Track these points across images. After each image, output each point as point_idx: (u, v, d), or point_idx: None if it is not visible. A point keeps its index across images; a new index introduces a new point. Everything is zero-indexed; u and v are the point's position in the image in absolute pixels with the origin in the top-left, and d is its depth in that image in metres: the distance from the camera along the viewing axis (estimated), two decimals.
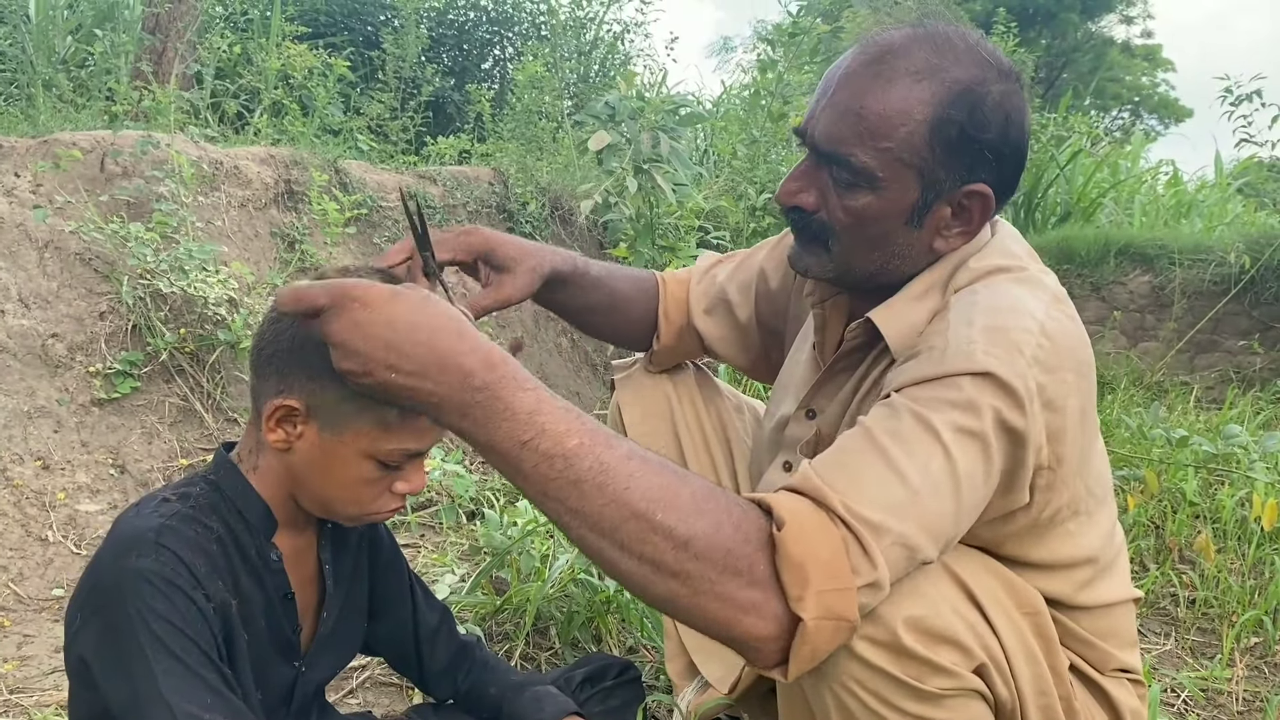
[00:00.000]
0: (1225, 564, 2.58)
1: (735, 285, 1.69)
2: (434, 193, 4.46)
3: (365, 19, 8.10)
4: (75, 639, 1.14)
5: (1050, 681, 1.20)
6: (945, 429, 1.05)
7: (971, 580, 1.14)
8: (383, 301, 0.94)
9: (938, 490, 1.04)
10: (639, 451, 0.97)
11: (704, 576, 0.94)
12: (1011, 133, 1.23)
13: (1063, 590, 1.25)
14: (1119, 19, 25.35)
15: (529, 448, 0.92)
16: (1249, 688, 2.14)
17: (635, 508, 0.93)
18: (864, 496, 1.01)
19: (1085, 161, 7.42)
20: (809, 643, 0.96)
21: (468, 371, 0.93)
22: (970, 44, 1.23)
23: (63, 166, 3.16)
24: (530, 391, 0.94)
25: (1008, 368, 1.07)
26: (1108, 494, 1.33)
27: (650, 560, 0.94)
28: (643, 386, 1.76)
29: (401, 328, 0.93)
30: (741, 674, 1.56)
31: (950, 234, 1.27)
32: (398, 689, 1.95)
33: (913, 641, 1.07)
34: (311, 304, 0.95)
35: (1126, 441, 3.39)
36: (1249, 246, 5.28)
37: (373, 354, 0.93)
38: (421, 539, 2.76)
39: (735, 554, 0.95)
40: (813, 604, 0.95)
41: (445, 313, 0.96)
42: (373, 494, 1.21)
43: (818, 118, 1.25)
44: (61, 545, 2.50)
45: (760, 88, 5.85)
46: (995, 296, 1.18)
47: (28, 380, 2.75)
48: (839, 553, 0.98)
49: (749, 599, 0.95)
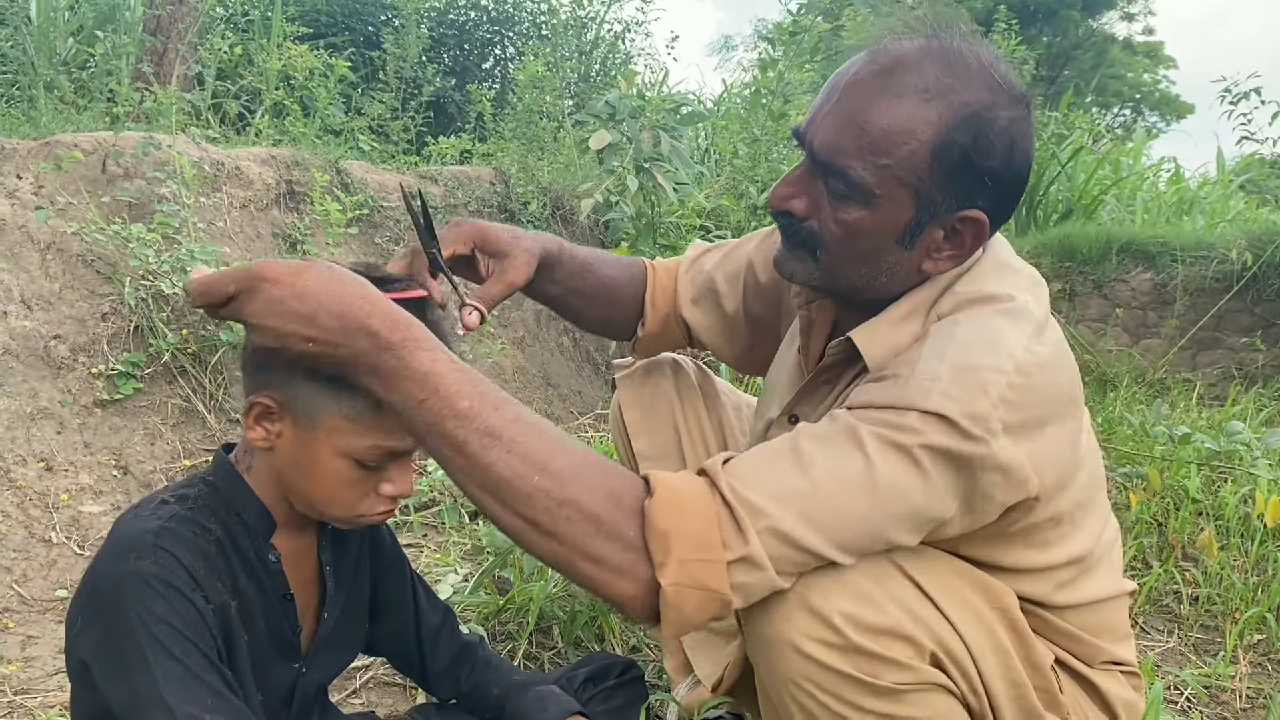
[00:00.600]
0: (1228, 561, 2.58)
1: (723, 275, 1.68)
2: (435, 193, 4.46)
3: (366, 19, 8.10)
4: (76, 642, 1.14)
5: (1023, 673, 1.19)
6: (870, 439, 1.07)
7: (922, 575, 1.15)
8: (292, 277, 0.99)
9: (840, 489, 1.06)
10: (527, 416, 1.04)
11: (576, 538, 1.02)
12: (1015, 160, 1.21)
13: (1040, 590, 1.25)
14: (1120, 16, 25.35)
15: (424, 407, 1.00)
16: (1252, 685, 2.14)
17: (515, 469, 1.00)
18: (755, 482, 1.06)
19: (1087, 159, 7.40)
20: (673, 606, 1.03)
21: (374, 332, 0.99)
22: (984, 64, 1.19)
23: (64, 168, 3.16)
24: (428, 353, 1.01)
25: (963, 409, 1.07)
26: (1097, 498, 1.32)
27: (529, 520, 1.02)
28: (644, 386, 1.76)
29: (312, 299, 0.98)
30: (724, 672, 1.56)
31: (940, 257, 1.24)
32: (401, 689, 1.95)
33: (857, 635, 1.09)
34: (222, 292, 1.00)
35: (1129, 439, 3.38)
36: (1251, 243, 5.27)
37: (288, 329, 0.98)
38: (424, 539, 2.76)
39: (605, 519, 1.02)
40: (673, 570, 1.02)
41: (351, 280, 1.02)
42: (357, 495, 1.20)
43: (819, 124, 1.22)
44: (65, 546, 2.50)
45: (761, 86, 5.85)
46: (975, 331, 1.16)
47: (30, 382, 2.76)
48: (710, 526, 1.04)
49: (619, 562, 1.03)
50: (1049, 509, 1.18)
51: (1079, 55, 23.69)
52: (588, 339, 4.70)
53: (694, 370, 1.80)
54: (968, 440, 1.07)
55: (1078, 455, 1.22)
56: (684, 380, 1.78)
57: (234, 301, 1.00)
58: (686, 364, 1.80)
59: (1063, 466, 1.18)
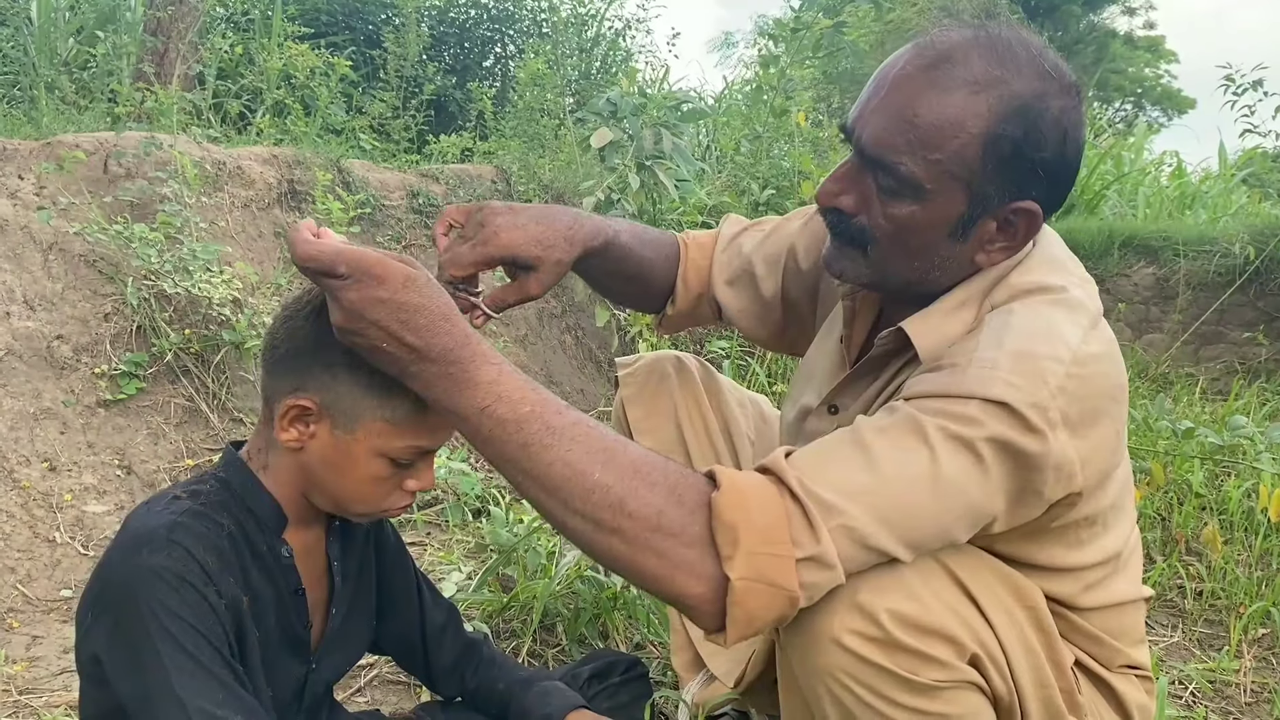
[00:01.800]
0: (1232, 556, 2.58)
1: (762, 258, 1.64)
2: (437, 191, 4.46)
3: (366, 18, 8.10)
4: (87, 636, 1.14)
5: (1050, 675, 1.19)
6: (934, 432, 1.06)
7: (965, 574, 1.14)
8: (398, 286, 1.02)
9: (910, 486, 1.05)
10: (586, 420, 1.05)
11: (639, 534, 1.01)
12: (1068, 150, 1.20)
13: (1068, 591, 1.25)
14: (1121, 11, 25.30)
15: (486, 413, 1.02)
16: (1257, 679, 2.14)
17: (577, 468, 1.02)
18: (823, 477, 1.05)
19: (1089, 154, 7.39)
20: (740, 604, 1.01)
21: (446, 350, 1.03)
22: (1033, 54, 1.18)
23: (66, 168, 3.16)
24: (494, 365, 1.04)
25: (1025, 397, 1.06)
26: (1127, 500, 1.31)
27: (591, 518, 1.02)
28: (647, 383, 1.76)
29: (407, 313, 1.02)
30: (747, 668, 1.56)
31: (993, 249, 1.23)
32: (406, 687, 1.95)
33: (901, 633, 1.08)
34: (331, 267, 1.02)
35: (1133, 434, 3.38)
36: (1254, 237, 5.26)
37: (375, 329, 1.02)
38: (428, 537, 2.77)
39: (669, 514, 1.02)
40: (741, 564, 1.00)
41: (443, 301, 1.05)
42: (384, 491, 1.22)
43: (866, 118, 1.20)
44: (69, 546, 2.50)
45: (762, 83, 5.84)
46: (1031, 320, 1.15)
47: (34, 382, 2.76)
48: (780, 521, 1.02)
49: (683, 557, 1.02)
50: (1087, 507, 1.17)
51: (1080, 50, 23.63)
52: (589, 337, 4.70)
53: (697, 367, 1.79)
54: (1029, 433, 1.06)
55: (1119, 453, 1.21)
56: (687, 377, 1.77)
57: (337, 280, 1.02)
58: (689, 361, 1.80)
59: (1105, 463, 1.17)
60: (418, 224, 4.33)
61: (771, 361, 4.09)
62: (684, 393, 1.75)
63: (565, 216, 1.43)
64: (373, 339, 1.02)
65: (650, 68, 8.11)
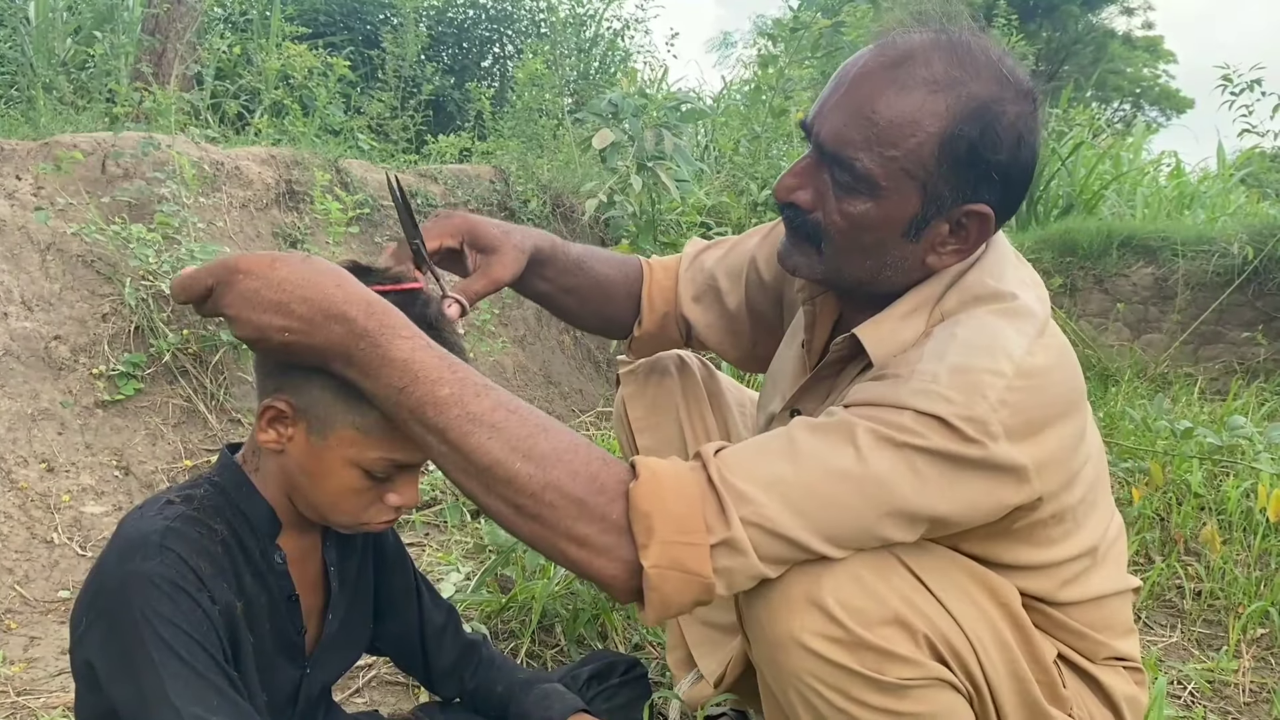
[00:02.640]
0: (1231, 556, 2.58)
1: (724, 271, 1.66)
2: (435, 191, 4.46)
3: (365, 18, 8.10)
4: (81, 642, 1.14)
5: (1025, 667, 1.19)
6: (863, 434, 1.07)
7: (927, 571, 1.15)
8: (265, 268, 1.00)
9: (828, 480, 1.06)
10: (508, 402, 1.05)
11: (560, 520, 1.04)
12: (1022, 155, 1.20)
13: (1043, 587, 1.25)
14: (1119, 11, 25.33)
15: (405, 394, 1.01)
16: (1256, 679, 2.14)
17: (496, 455, 1.02)
18: (743, 469, 1.07)
19: (1087, 154, 7.40)
20: (655, 589, 1.04)
21: (350, 319, 1.00)
22: (992, 59, 1.19)
23: (64, 169, 3.15)
24: (407, 340, 1.01)
25: (960, 411, 1.07)
26: (1101, 494, 1.32)
27: (512, 504, 1.04)
28: (649, 382, 1.76)
29: (287, 288, 0.99)
30: (726, 668, 1.56)
31: (945, 251, 1.24)
32: (404, 688, 1.95)
33: (860, 629, 1.09)
34: (201, 286, 1.01)
35: (1131, 434, 3.38)
36: (1252, 237, 5.26)
37: (264, 319, 0.99)
38: (426, 538, 2.76)
39: (589, 502, 1.04)
40: (655, 552, 1.03)
41: (325, 268, 1.02)
42: (362, 504, 1.20)
43: (826, 114, 1.22)
44: (67, 547, 2.50)
45: (761, 83, 5.84)
46: (975, 332, 1.16)
47: (31, 383, 2.75)
48: (694, 509, 1.04)
49: (602, 543, 1.04)
50: (1051, 507, 1.18)
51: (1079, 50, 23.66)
52: (589, 337, 4.70)
53: (699, 366, 1.79)
54: (964, 443, 1.07)
55: (1080, 454, 1.22)
56: (689, 376, 1.77)
57: (212, 295, 1.01)
58: (691, 360, 1.80)
59: (1065, 467, 1.17)
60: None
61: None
62: (685, 391, 1.76)
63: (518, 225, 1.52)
64: (271, 334, 1.00)
65: (649, 68, 8.12)
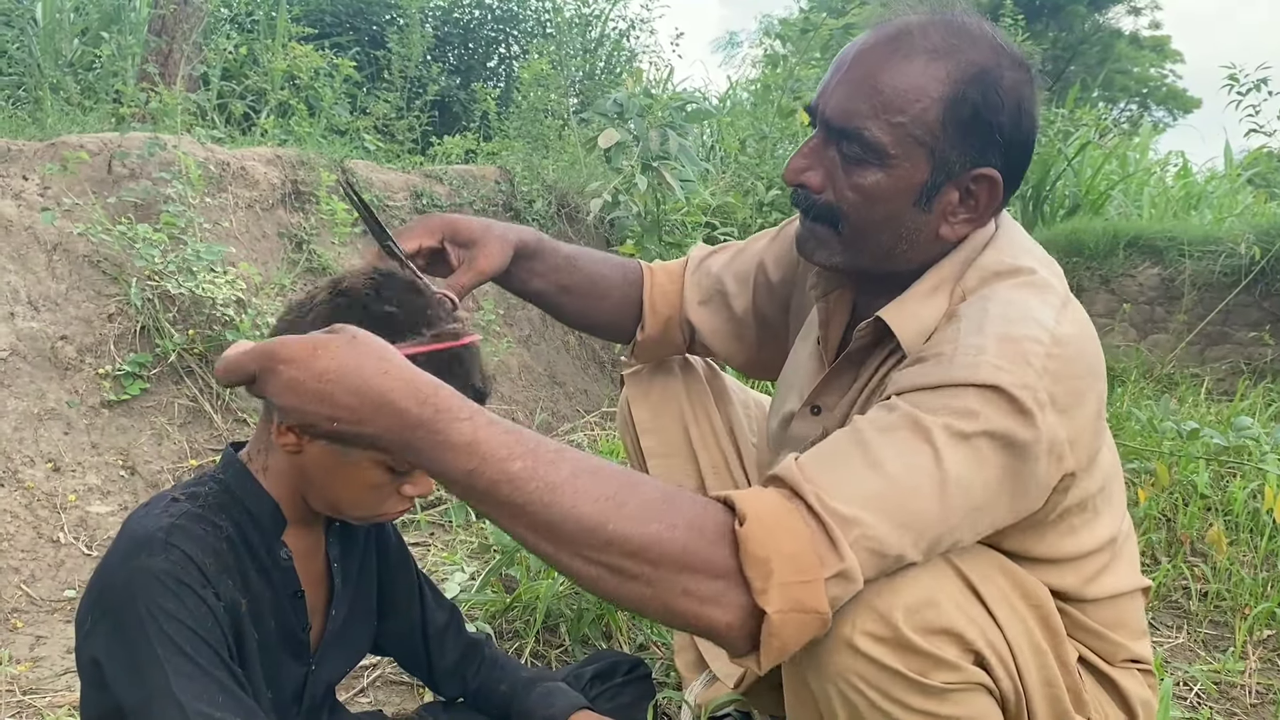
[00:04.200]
0: (1237, 557, 2.57)
1: (732, 275, 1.66)
2: (440, 192, 4.46)
3: (370, 19, 8.10)
4: (87, 640, 1.14)
5: (1057, 673, 1.20)
6: (938, 431, 1.06)
7: (973, 574, 1.15)
8: (308, 357, 0.93)
9: (919, 489, 1.04)
10: (585, 465, 0.98)
11: (663, 577, 0.97)
12: (1023, 121, 1.24)
13: (1070, 583, 1.25)
14: (1126, 10, 25.25)
15: (475, 475, 0.94)
16: (1262, 680, 2.13)
17: (586, 523, 0.95)
18: (838, 490, 1.03)
19: (1093, 154, 7.37)
20: (776, 635, 0.99)
21: (401, 410, 0.93)
22: (985, 31, 1.24)
23: (70, 169, 3.16)
24: (465, 421, 0.94)
25: (1015, 380, 1.07)
26: (1115, 486, 1.32)
27: (610, 568, 0.97)
28: (653, 383, 1.76)
29: (331, 379, 0.92)
30: (746, 670, 1.56)
31: (956, 220, 1.26)
32: (408, 687, 1.95)
33: (913, 634, 1.08)
34: (244, 374, 0.95)
35: (1137, 434, 3.37)
36: (1259, 237, 5.25)
37: (311, 409, 0.93)
38: (431, 537, 2.77)
39: (691, 551, 0.97)
40: (777, 597, 0.98)
41: (369, 352, 0.95)
42: (381, 497, 1.22)
43: (830, 93, 1.25)
44: (73, 547, 2.51)
45: (768, 82, 5.84)
46: (1006, 305, 1.17)
47: (38, 383, 2.76)
48: (805, 545, 1.00)
49: (711, 592, 0.98)
50: (1079, 491, 1.19)
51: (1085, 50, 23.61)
52: (593, 338, 4.70)
53: (703, 367, 1.79)
54: (1022, 416, 1.07)
55: (1101, 432, 1.23)
56: (693, 377, 1.77)
57: (257, 382, 0.95)
58: (696, 361, 1.80)
59: (1090, 443, 1.18)
60: None
61: None
62: (690, 392, 1.75)
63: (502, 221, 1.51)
64: (319, 422, 0.94)
65: (654, 68, 8.12)
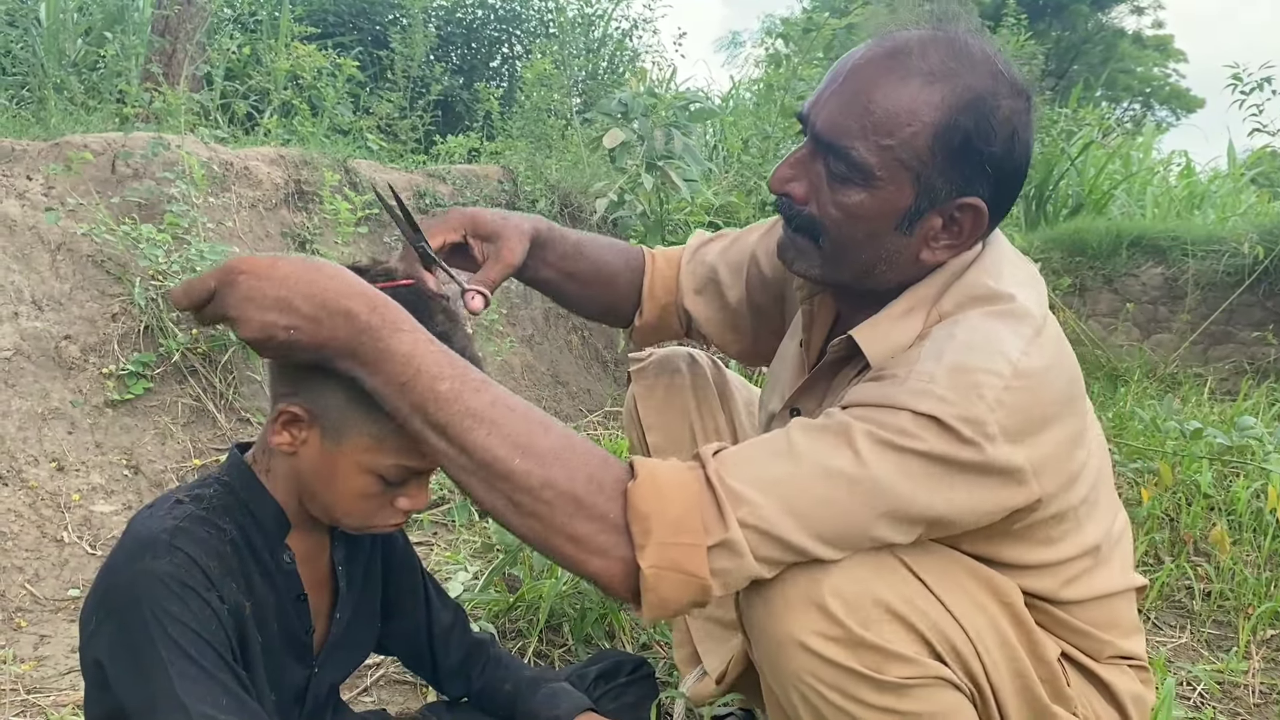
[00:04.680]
0: (1241, 556, 2.57)
1: (726, 265, 1.66)
2: (443, 191, 4.46)
3: (373, 18, 8.10)
4: (90, 641, 1.14)
5: (1028, 665, 1.19)
6: (861, 436, 1.07)
7: (927, 571, 1.15)
8: (267, 267, 1.01)
9: (824, 482, 1.06)
10: (507, 399, 1.06)
11: (555, 518, 1.04)
12: (1016, 150, 1.21)
13: (1045, 586, 1.24)
14: (1129, 10, 25.21)
15: (406, 389, 1.02)
16: (1265, 680, 2.13)
17: (495, 452, 1.03)
18: (740, 470, 1.07)
19: (1096, 153, 7.37)
20: (652, 590, 1.05)
21: (352, 313, 1.00)
22: (987, 54, 1.20)
23: (74, 169, 3.17)
24: (409, 334, 1.02)
25: (957, 411, 1.07)
26: (1104, 493, 1.31)
27: (510, 500, 1.05)
28: (659, 380, 1.76)
29: (289, 285, 1.00)
30: (728, 665, 1.56)
31: (938, 245, 1.24)
32: (412, 687, 1.96)
33: (861, 630, 1.09)
34: (203, 289, 1.01)
35: (1140, 434, 3.37)
36: (1262, 237, 5.24)
37: (268, 317, 1.00)
38: (434, 537, 2.77)
39: (586, 500, 1.04)
40: (653, 553, 1.04)
41: (329, 267, 1.04)
42: (373, 507, 1.21)
43: (823, 104, 1.22)
44: (77, 546, 2.51)
45: (771, 82, 5.84)
46: (973, 333, 1.16)
47: (41, 382, 2.77)
48: (691, 510, 1.05)
49: (599, 543, 1.05)
50: (1052, 508, 1.18)
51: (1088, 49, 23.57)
52: (596, 337, 4.70)
53: (709, 365, 1.79)
54: (960, 444, 1.06)
55: (1079, 455, 1.21)
56: (699, 375, 1.77)
57: (215, 298, 1.01)
58: (702, 359, 1.80)
59: (1064, 467, 1.17)
60: None
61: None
62: (696, 390, 1.76)
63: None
64: (275, 331, 1.01)
65: (656, 68, 8.12)
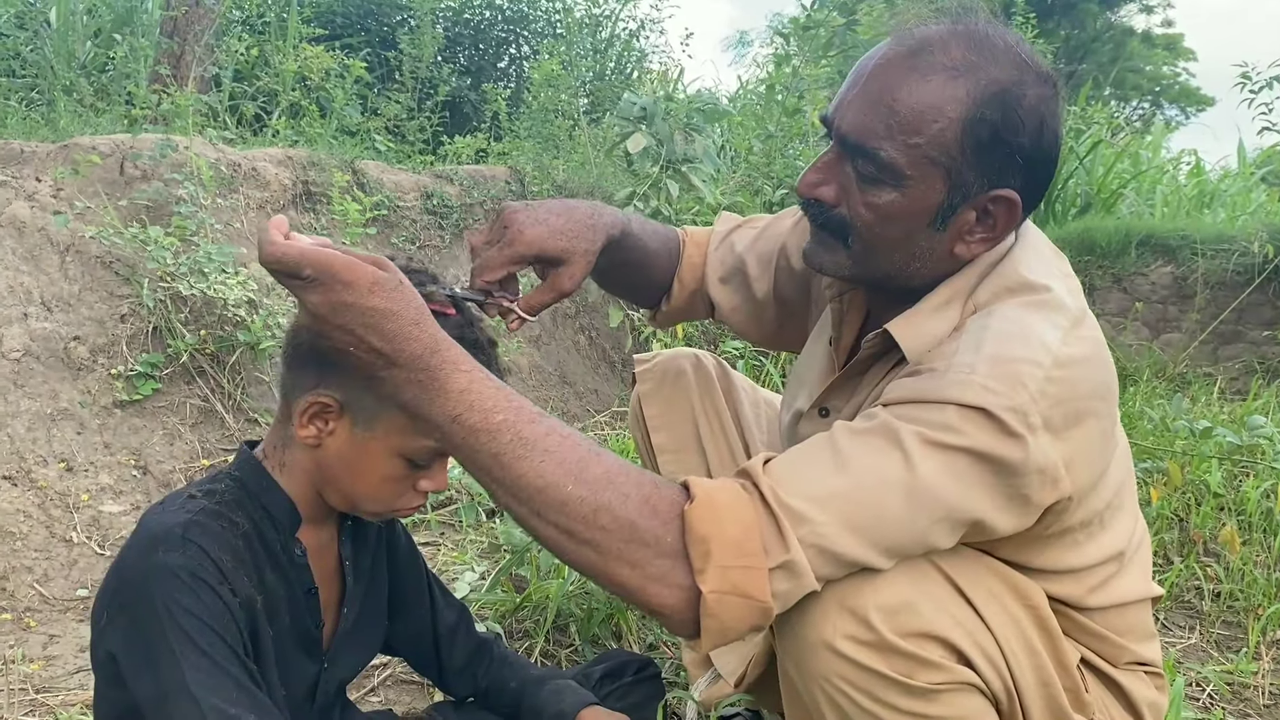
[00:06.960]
0: (1250, 556, 2.55)
1: (754, 256, 1.63)
2: (451, 192, 4.47)
3: (381, 19, 8.12)
4: (103, 635, 1.15)
5: (1053, 672, 1.19)
6: (910, 439, 1.06)
7: (959, 575, 1.14)
8: (364, 290, 1.00)
9: (881, 491, 1.05)
10: (559, 429, 1.04)
11: (612, 545, 1.02)
12: (1045, 139, 1.19)
13: (1072, 592, 1.24)
14: (1139, 8, 25.10)
15: (458, 423, 1.01)
16: (1275, 681, 2.12)
17: (548, 479, 1.01)
18: (796, 486, 1.05)
19: (1106, 152, 7.34)
20: (713, 616, 1.02)
21: (415, 357, 1.01)
22: (1009, 44, 1.18)
23: (82, 171, 3.18)
24: (465, 373, 1.02)
25: (1002, 401, 1.06)
26: (1127, 498, 1.30)
27: (564, 529, 1.02)
28: (664, 380, 1.76)
29: (374, 318, 1.00)
30: (747, 667, 1.55)
31: (972, 239, 1.22)
32: (419, 687, 1.96)
33: (893, 635, 1.08)
34: (295, 268, 1.00)
35: (1149, 434, 3.36)
36: (1272, 236, 5.21)
37: (341, 332, 1.00)
38: (441, 537, 2.77)
39: (641, 525, 1.02)
40: (714, 577, 1.01)
41: (410, 304, 1.02)
42: (398, 491, 1.23)
43: (846, 107, 1.20)
44: (85, 546, 2.52)
45: (775, 82, 5.83)
46: (1010, 324, 1.15)
47: (50, 383, 2.78)
48: (751, 532, 1.02)
49: (656, 569, 1.02)
50: (1082, 511, 1.17)
51: (1097, 48, 23.50)
52: (603, 337, 4.70)
53: (714, 365, 1.79)
54: (1007, 438, 1.05)
55: (1108, 453, 1.21)
56: (704, 376, 1.76)
57: (302, 281, 1.00)
58: (706, 359, 1.79)
59: (1094, 465, 1.16)
60: (432, 225, 4.34)
61: (785, 362, 4.08)
62: (701, 391, 1.75)
63: (583, 206, 1.42)
64: (339, 342, 1.01)
65: (665, 68, 8.11)
